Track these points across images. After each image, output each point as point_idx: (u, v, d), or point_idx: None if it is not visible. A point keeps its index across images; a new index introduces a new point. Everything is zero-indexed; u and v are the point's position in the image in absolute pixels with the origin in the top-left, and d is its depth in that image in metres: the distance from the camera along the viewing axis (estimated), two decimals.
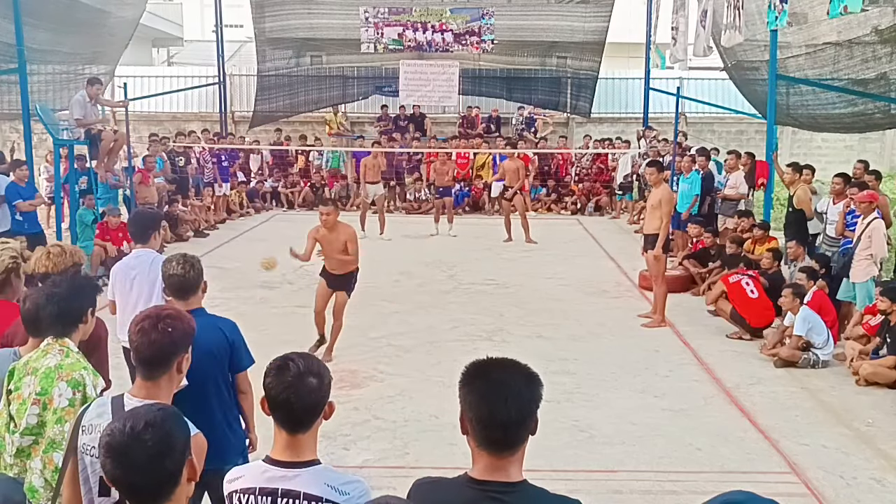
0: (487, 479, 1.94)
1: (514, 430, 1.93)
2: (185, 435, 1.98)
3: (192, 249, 12.14)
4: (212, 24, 20.52)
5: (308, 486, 2.24)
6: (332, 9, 18.88)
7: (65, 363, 2.90)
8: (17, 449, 2.88)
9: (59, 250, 3.60)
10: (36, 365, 2.93)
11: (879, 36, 9.88)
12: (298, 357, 2.31)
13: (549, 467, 4.89)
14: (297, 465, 2.26)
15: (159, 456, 1.88)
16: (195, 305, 3.63)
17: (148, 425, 1.89)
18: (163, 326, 2.46)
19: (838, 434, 5.86)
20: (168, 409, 2.06)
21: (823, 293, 8.01)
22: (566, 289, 10.28)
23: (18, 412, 2.90)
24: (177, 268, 3.62)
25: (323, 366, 2.35)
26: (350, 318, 8.72)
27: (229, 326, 3.67)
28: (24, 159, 10.50)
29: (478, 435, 1.94)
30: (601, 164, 17.49)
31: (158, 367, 2.49)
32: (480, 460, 1.96)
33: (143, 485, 1.88)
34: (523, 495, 1.94)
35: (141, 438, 1.86)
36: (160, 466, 1.88)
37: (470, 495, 1.93)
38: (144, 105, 18.18)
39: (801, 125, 13.87)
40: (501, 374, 1.96)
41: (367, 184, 13.88)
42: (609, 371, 7.15)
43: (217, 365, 3.57)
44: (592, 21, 18.64)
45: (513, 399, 1.92)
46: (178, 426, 1.97)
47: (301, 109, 19.52)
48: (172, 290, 3.63)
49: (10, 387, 2.95)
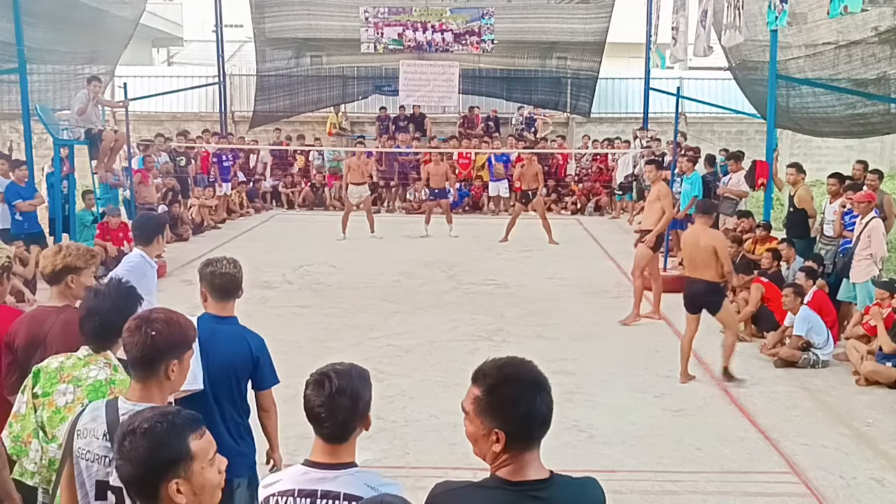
0: (522, 480, 1.95)
1: (548, 423, 1.99)
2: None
3: (193, 249, 12.16)
4: (212, 24, 20.51)
5: (348, 486, 2.26)
6: (331, 9, 18.90)
7: (117, 379, 2.81)
8: (49, 459, 2.75)
9: (65, 251, 3.55)
10: (76, 374, 2.81)
11: (879, 37, 9.88)
12: (337, 374, 2.32)
13: (549, 467, 4.88)
14: (336, 466, 2.29)
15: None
16: (230, 312, 3.57)
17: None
18: (147, 330, 2.43)
19: (838, 434, 5.86)
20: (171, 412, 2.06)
21: (824, 293, 8.01)
22: (566, 289, 10.28)
23: (51, 420, 2.78)
24: (228, 267, 3.56)
25: (361, 383, 2.34)
26: (350, 318, 8.74)
27: (257, 342, 3.58)
28: (24, 159, 10.52)
29: (516, 436, 1.95)
30: (601, 165, 17.50)
31: (144, 370, 2.47)
32: (511, 462, 1.96)
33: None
34: (558, 488, 1.98)
35: None
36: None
37: (509, 498, 1.94)
38: (144, 105, 18.17)
39: (800, 129, 13.87)
40: (530, 374, 1.99)
41: (352, 185, 13.57)
42: (609, 371, 7.15)
43: (235, 377, 3.51)
44: (592, 22, 18.66)
45: (547, 393, 1.98)
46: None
47: (301, 109, 19.52)
48: (220, 291, 3.55)
49: (35, 390, 2.84)
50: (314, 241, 13.32)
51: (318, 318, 8.67)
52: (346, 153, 15.93)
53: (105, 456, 2.40)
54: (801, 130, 14.22)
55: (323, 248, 12.70)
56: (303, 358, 7.06)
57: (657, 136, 15.68)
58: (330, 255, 12.11)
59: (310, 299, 9.57)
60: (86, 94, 10.87)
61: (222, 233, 14.44)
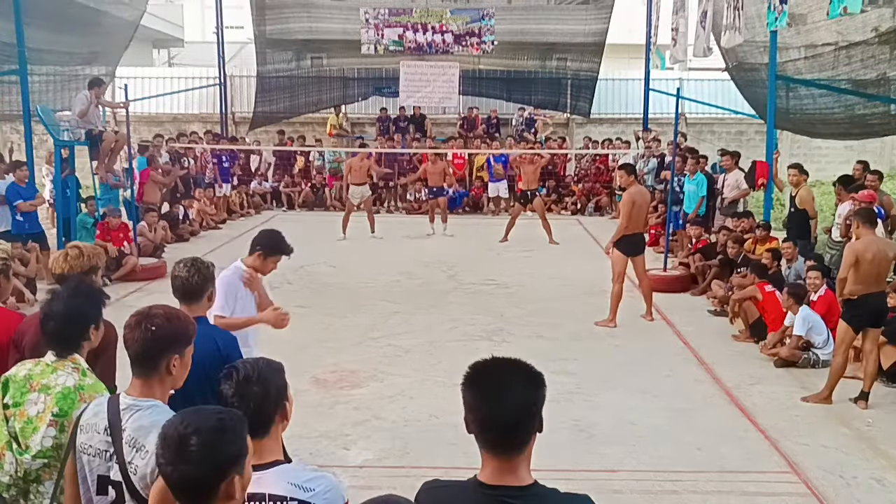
0: (498, 484, 1.90)
1: (512, 431, 1.90)
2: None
3: (194, 250, 12.16)
4: (212, 26, 20.53)
5: (272, 486, 2.20)
6: (332, 11, 18.90)
7: (86, 384, 2.75)
8: (24, 471, 2.69)
9: (77, 252, 3.50)
10: (45, 381, 2.75)
11: (879, 39, 9.88)
12: (246, 363, 2.32)
13: (549, 467, 4.88)
14: (259, 467, 2.21)
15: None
16: (199, 313, 3.55)
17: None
18: (147, 325, 2.44)
19: (838, 434, 5.86)
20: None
21: (833, 294, 7.98)
22: (566, 289, 10.29)
23: (24, 431, 2.71)
24: (182, 270, 3.54)
25: (270, 371, 2.33)
26: (350, 318, 8.75)
27: (226, 340, 3.53)
28: (24, 160, 10.53)
29: (479, 437, 1.92)
30: (601, 165, 17.51)
31: (145, 366, 2.47)
32: (488, 463, 1.93)
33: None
34: (535, 499, 1.91)
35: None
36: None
37: (482, 501, 1.90)
38: (145, 106, 18.20)
39: (799, 131, 13.88)
40: (501, 375, 1.93)
41: (353, 185, 13.67)
42: (609, 371, 7.15)
43: (205, 377, 3.40)
44: (592, 23, 18.66)
45: (511, 400, 1.89)
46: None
47: (301, 111, 19.54)
48: (178, 293, 3.56)
49: (6, 400, 2.76)
50: (314, 241, 13.32)
51: (318, 318, 8.67)
52: (347, 154, 15.95)
53: (106, 451, 2.42)
54: (799, 132, 14.23)
55: (323, 248, 12.70)
56: (303, 358, 7.07)
57: (658, 137, 15.68)
58: (330, 256, 12.12)
59: (310, 299, 9.56)
60: (87, 95, 10.89)
61: (222, 233, 14.46)
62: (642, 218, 8.79)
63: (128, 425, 2.41)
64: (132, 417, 2.42)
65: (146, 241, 11.70)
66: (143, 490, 2.36)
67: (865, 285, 6.28)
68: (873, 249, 6.24)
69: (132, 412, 2.43)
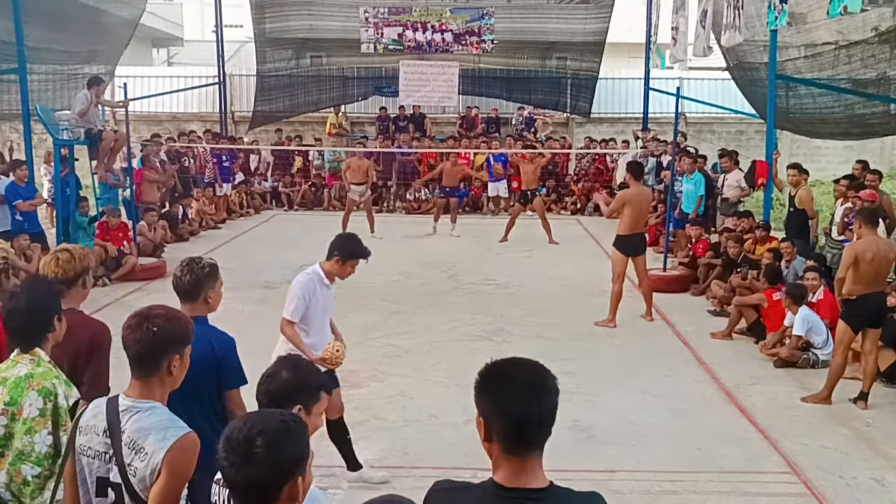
0: (517, 486, 1.90)
1: (545, 429, 1.91)
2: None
3: (193, 250, 12.16)
4: (212, 25, 20.53)
5: None
6: (332, 9, 18.88)
7: (35, 372, 2.81)
8: None
9: (67, 255, 3.52)
10: (5, 375, 2.85)
11: (879, 38, 9.88)
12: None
13: (549, 467, 4.85)
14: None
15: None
16: (198, 313, 3.54)
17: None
18: (147, 326, 2.44)
19: (838, 434, 5.86)
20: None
21: (833, 295, 7.98)
22: (566, 289, 10.28)
23: None
24: (177, 270, 3.58)
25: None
26: (350, 318, 8.72)
27: (222, 342, 3.52)
28: (24, 159, 10.52)
29: (507, 439, 1.89)
30: (600, 165, 17.50)
31: (145, 367, 2.47)
32: (506, 466, 1.91)
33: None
34: (556, 500, 1.92)
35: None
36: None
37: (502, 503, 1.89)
38: (144, 105, 18.18)
39: (799, 130, 13.87)
40: (526, 375, 1.93)
41: (352, 185, 13.75)
42: (609, 371, 7.15)
43: (199, 377, 3.39)
44: (592, 22, 18.65)
45: (544, 398, 1.90)
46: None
47: (301, 110, 19.52)
48: (177, 293, 3.59)
49: None
50: (314, 241, 13.28)
51: None
52: (347, 153, 15.95)
53: (105, 452, 2.42)
54: (799, 131, 14.22)
55: (323, 248, 12.62)
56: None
57: (658, 136, 15.66)
58: None
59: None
60: (87, 95, 10.87)
61: (222, 233, 14.44)
62: (642, 218, 8.80)
63: (127, 427, 2.40)
64: (131, 419, 2.42)
65: (146, 241, 11.69)
66: (143, 492, 2.36)
67: (864, 285, 6.27)
68: (873, 249, 6.23)
69: (131, 414, 2.43)
